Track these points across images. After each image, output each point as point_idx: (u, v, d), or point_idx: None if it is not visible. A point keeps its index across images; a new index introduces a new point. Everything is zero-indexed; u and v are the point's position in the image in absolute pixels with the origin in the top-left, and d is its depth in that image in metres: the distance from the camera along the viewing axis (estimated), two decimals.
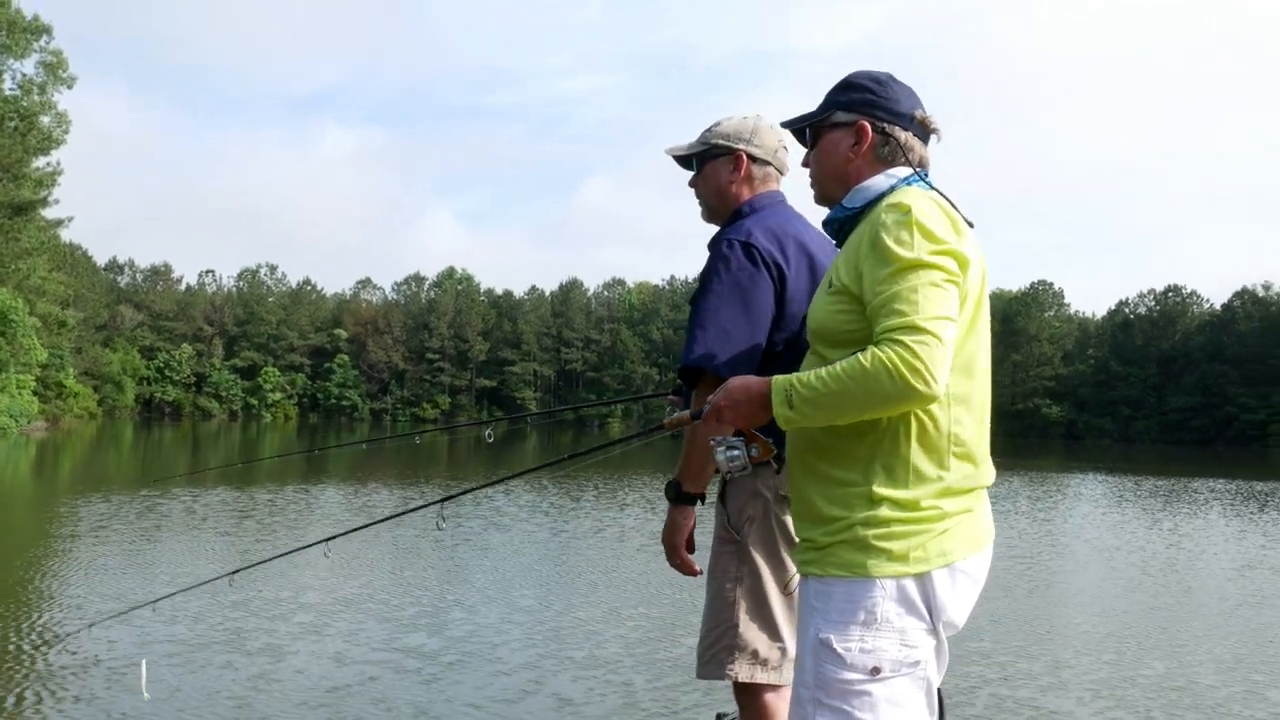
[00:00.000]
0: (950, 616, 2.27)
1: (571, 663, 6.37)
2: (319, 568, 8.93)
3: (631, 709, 5.52)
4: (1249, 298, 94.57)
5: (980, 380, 2.35)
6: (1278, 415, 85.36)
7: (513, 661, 6.39)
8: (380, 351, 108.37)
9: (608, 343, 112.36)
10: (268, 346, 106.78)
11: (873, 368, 2.13)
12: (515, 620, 7.57)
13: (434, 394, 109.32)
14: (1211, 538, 14.47)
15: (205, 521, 13.12)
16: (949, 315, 2.18)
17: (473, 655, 6.50)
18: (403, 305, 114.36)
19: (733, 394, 2.34)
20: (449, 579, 9.27)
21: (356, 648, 6.62)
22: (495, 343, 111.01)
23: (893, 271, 2.21)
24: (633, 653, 6.72)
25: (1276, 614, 8.78)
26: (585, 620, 7.67)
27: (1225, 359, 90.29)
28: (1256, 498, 23.44)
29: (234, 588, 7.65)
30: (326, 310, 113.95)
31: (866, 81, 2.53)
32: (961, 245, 2.27)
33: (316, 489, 18.53)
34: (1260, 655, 7.20)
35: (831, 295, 2.38)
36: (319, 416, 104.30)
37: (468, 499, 17.77)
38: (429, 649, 6.64)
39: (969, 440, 2.31)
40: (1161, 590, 9.97)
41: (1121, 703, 5.88)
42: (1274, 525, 16.91)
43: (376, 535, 11.46)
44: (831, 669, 2.23)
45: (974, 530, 2.31)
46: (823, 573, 2.30)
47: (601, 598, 8.62)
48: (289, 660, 6.25)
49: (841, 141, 2.51)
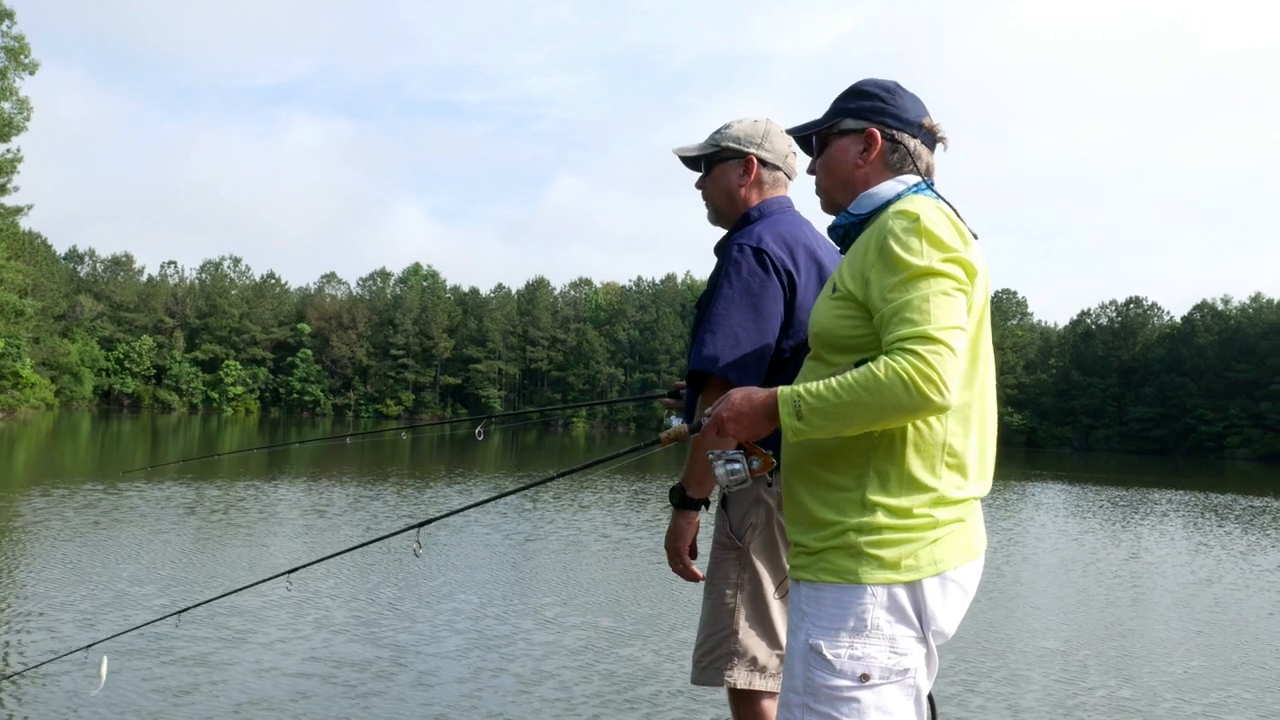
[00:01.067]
0: (940, 625, 2.27)
1: (512, 677, 6.13)
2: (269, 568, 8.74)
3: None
4: (1208, 311, 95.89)
5: (980, 391, 2.34)
6: (1235, 427, 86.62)
7: (447, 674, 6.15)
8: (344, 347, 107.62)
9: (573, 342, 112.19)
10: (230, 340, 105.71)
11: (886, 378, 2.11)
12: (457, 628, 7.36)
13: (398, 390, 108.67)
14: (1171, 551, 14.52)
15: (161, 524, 12.90)
16: (960, 324, 2.18)
17: (405, 667, 6.24)
18: (368, 301, 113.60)
19: (735, 405, 2.31)
20: (394, 586, 9.07)
21: (286, 658, 6.32)
22: (460, 340, 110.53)
23: (903, 279, 2.20)
24: (576, 661, 6.59)
25: (1237, 632, 8.64)
26: (527, 629, 7.43)
27: (1184, 371, 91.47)
28: (1216, 510, 23.69)
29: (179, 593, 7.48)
30: (290, 304, 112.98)
31: (875, 89, 2.52)
32: (969, 254, 2.26)
33: (277, 487, 18.33)
34: (1220, 675, 7.03)
35: (835, 300, 2.36)
36: (280, 411, 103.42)
37: (429, 501, 17.63)
38: (364, 658, 6.40)
39: (964, 450, 2.30)
40: (1119, 604, 9.87)
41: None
42: (1232, 539, 17.08)
43: (337, 536, 11.29)
44: (821, 675, 2.22)
45: (966, 540, 2.31)
46: (814, 578, 2.29)
47: (549, 606, 8.37)
48: (208, 670, 6.00)
49: (850, 149, 2.50)
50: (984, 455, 2.37)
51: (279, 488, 17.74)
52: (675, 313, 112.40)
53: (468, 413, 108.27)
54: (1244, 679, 6.87)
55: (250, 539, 11.47)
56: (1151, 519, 20.41)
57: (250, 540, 11.37)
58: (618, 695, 5.79)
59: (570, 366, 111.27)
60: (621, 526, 14.22)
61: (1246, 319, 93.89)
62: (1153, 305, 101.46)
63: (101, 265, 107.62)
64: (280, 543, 11.31)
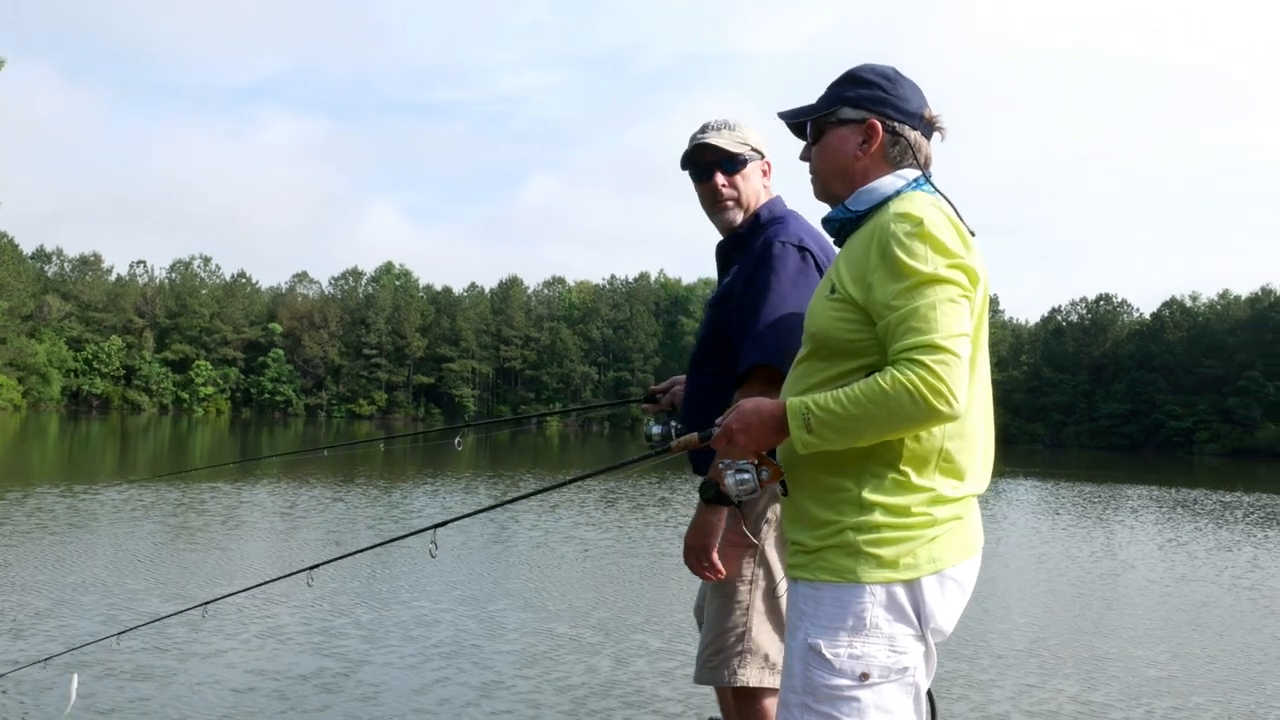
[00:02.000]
0: (939, 623, 2.26)
1: (464, 687, 5.96)
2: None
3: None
4: (1177, 308, 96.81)
5: (978, 391, 2.32)
6: (1203, 423, 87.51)
7: (398, 685, 5.99)
8: (316, 347, 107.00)
9: (547, 341, 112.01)
10: (200, 340, 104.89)
11: (894, 390, 2.10)
12: (412, 635, 7.17)
13: (370, 390, 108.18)
14: (1144, 550, 14.48)
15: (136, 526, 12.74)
16: (965, 332, 2.17)
17: (350, 678, 6.04)
18: (340, 300, 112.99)
19: (745, 417, 2.29)
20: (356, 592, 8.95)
21: (230, 670, 6.12)
22: (433, 339, 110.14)
23: (907, 287, 2.18)
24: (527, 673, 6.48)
25: (1209, 632, 8.50)
26: (480, 636, 7.23)
27: (1154, 367, 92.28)
28: (1186, 505, 23.87)
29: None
30: (261, 304, 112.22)
31: (875, 77, 2.46)
32: (971, 259, 2.24)
33: (251, 489, 18.18)
34: (1191, 677, 6.87)
35: (834, 302, 2.33)
36: (252, 411, 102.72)
37: (397, 503, 17.54)
38: (313, 669, 6.22)
39: (961, 450, 2.29)
40: (1091, 603, 9.77)
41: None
42: (1204, 536, 17.19)
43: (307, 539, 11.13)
44: (820, 674, 2.21)
45: (964, 537, 2.30)
46: (812, 577, 2.28)
47: (505, 611, 8.09)
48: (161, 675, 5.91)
49: (849, 139, 2.44)
50: (985, 455, 2.37)
51: (268, 494, 17.59)
52: (649, 311, 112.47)
53: (441, 412, 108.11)
54: (1215, 680, 6.79)
55: (211, 546, 11.34)
56: (1123, 515, 20.54)
57: (214, 548, 11.24)
58: (577, 707, 5.64)
59: (544, 365, 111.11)
60: (591, 527, 14.15)
61: (1214, 316, 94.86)
62: (1122, 302, 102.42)
63: (69, 264, 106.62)
64: (250, 550, 11.19)
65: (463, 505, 16.77)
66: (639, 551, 11.88)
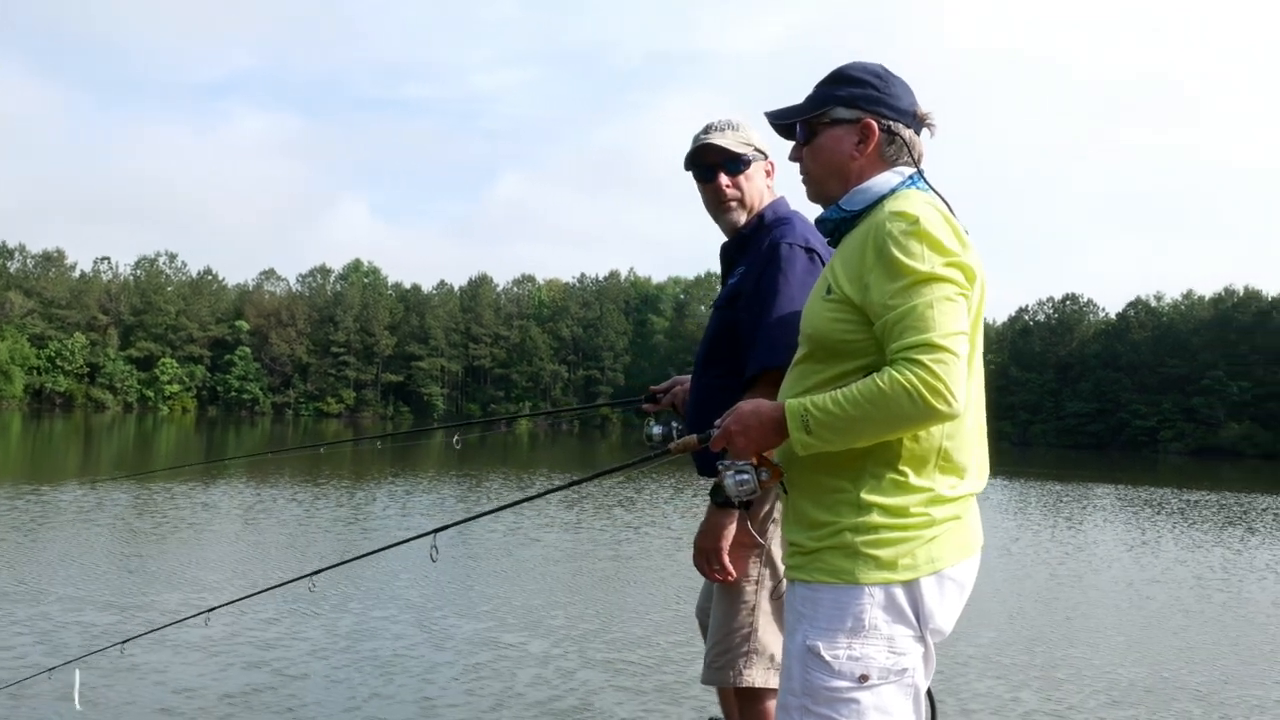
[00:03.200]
0: (938, 624, 2.26)
1: (406, 704, 5.81)
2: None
3: None
4: (1142, 308, 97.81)
5: (974, 389, 2.32)
6: (1168, 422, 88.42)
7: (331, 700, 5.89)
8: (283, 344, 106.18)
9: (517, 339, 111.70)
10: (165, 337, 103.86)
11: (892, 390, 2.10)
12: (342, 646, 6.96)
13: (338, 388, 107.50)
14: (1111, 550, 14.51)
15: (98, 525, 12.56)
16: (963, 330, 2.16)
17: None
18: (307, 298, 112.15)
19: (744, 419, 2.29)
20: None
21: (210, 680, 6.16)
22: (402, 337, 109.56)
23: (904, 285, 2.17)
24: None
25: (1174, 636, 8.44)
26: (422, 646, 7.05)
27: (1119, 366, 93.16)
28: (1152, 504, 24.07)
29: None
30: (228, 301, 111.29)
31: (867, 76, 2.44)
32: (967, 256, 2.24)
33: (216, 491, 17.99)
34: (1156, 681, 6.78)
35: (831, 302, 2.32)
36: (218, 410, 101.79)
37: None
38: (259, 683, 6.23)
39: (959, 449, 2.29)
40: (1058, 605, 9.71)
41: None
42: (1171, 536, 17.32)
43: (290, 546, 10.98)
44: (819, 676, 2.20)
45: (963, 537, 2.30)
46: (810, 578, 2.28)
47: (446, 619, 7.87)
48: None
49: (844, 139, 2.42)
50: (980, 454, 2.36)
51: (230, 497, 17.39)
52: (619, 309, 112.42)
53: (410, 410, 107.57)
54: (1180, 687, 6.73)
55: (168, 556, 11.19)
56: (1090, 514, 20.68)
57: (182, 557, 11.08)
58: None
59: (514, 364, 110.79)
60: (557, 530, 14.08)
61: (1179, 316, 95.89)
62: (1089, 302, 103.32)
63: (32, 261, 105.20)
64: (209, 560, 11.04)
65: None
66: (603, 555, 11.81)
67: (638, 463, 2.72)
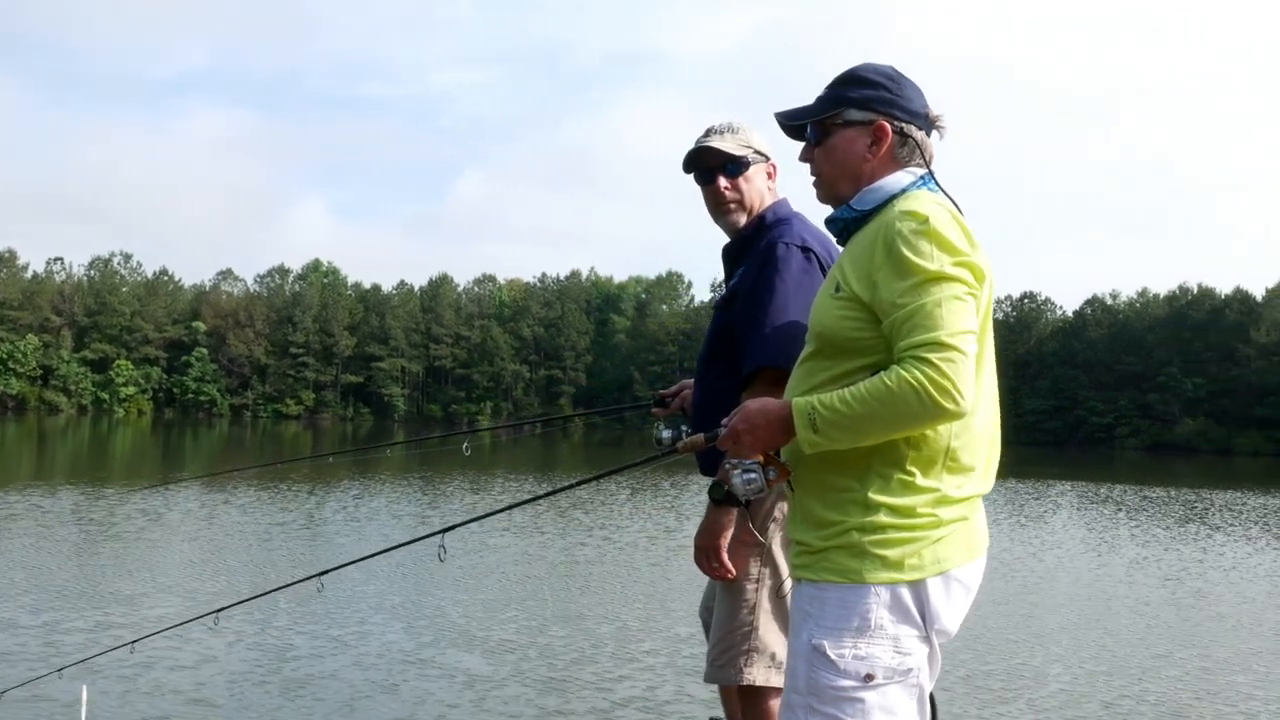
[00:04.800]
0: (944, 624, 2.27)
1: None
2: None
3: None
4: (1099, 305, 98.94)
5: (984, 389, 2.32)
6: (1124, 418, 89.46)
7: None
8: (241, 345, 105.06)
9: (478, 339, 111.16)
10: (120, 339, 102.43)
11: (900, 389, 2.11)
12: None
13: (297, 390, 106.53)
14: (1071, 551, 14.46)
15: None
16: (971, 329, 2.17)
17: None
18: (265, 298, 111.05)
19: (751, 417, 2.29)
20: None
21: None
22: (362, 338, 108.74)
23: (913, 284, 2.18)
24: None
25: (1135, 638, 8.38)
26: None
27: (1076, 364, 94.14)
28: (1111, 502, 24.31)
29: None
30: (184, 302, 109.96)
31: (880, 78, 2.45)
32: (976, 257, 2.25)
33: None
34: (1118, 684, 6.73)
35: (839, 300, 2.33)
36: (175, 412, 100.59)
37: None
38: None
39: (967, 450, 2.29)
40: (1015, 607, 9.62)
41: None
42: (1131, 534, 17.46)
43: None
44: (824, 675, 2.21)
45: (969, 538, 2.31)
46: (817, 577, 2.28)
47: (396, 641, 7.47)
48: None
49: (857, 141, 2.43)
50: (990, 454, 2.37)
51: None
52: (580, 309, 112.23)
53: (370, 411, 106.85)
54: (1142, 690, 6.71)
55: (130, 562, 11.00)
56: (1051, 512, 20.81)
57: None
58: None
59: (475, 364, 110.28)
60: (513, 534, 13.98)
61: (1134, 313, 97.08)
62: (1046, 300, 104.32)
63: None
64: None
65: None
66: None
67: (645, 462, 2.74)
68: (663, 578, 10.35)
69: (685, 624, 7.84)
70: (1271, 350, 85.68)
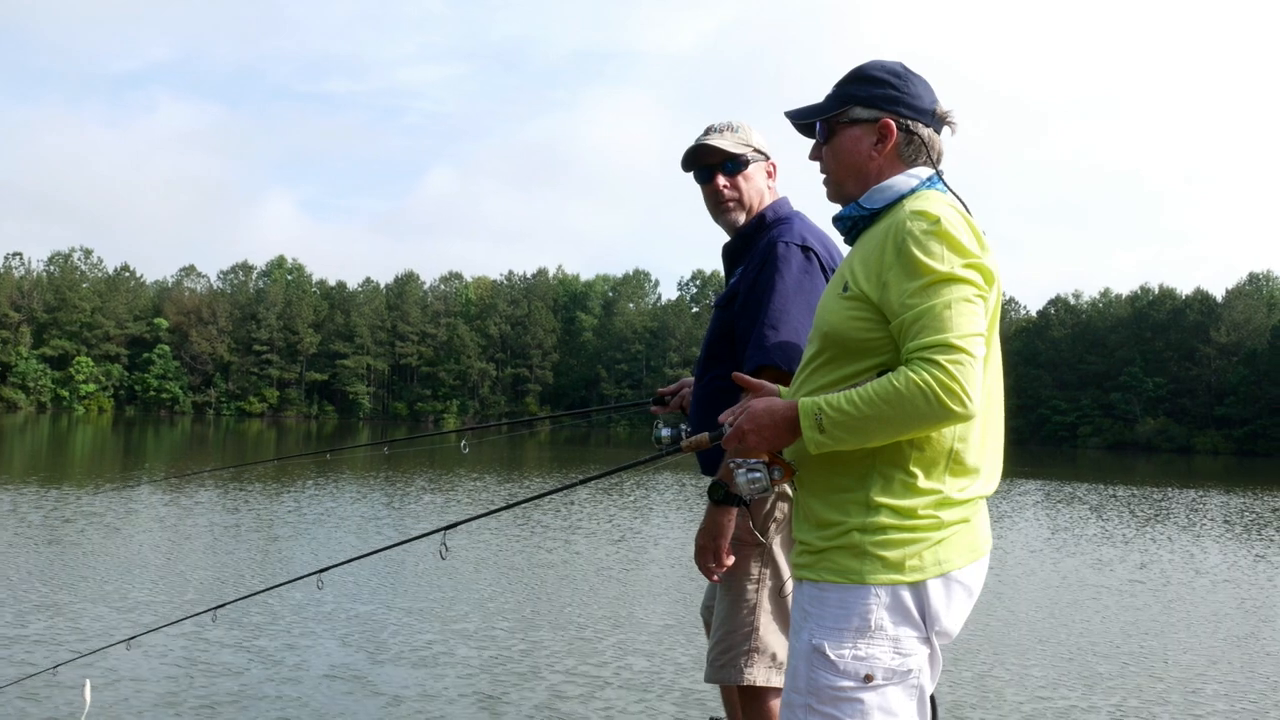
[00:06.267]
0: (944, 626, 2.26)
1: None
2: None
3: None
4: (1062, 305, 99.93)
5: (990, 391, 2.30)
6: (1087, 417, 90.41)
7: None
8: (204, 342, 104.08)
9: (444, 337, 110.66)
10: (81, 335, 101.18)
11: (908, 390, 2.10)
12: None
13: (261, 387, 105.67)
14: (1033, 550, 14.58)
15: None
16: (980, 331, 2.16)
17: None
18: (229, 295, 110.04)
19: (757, 417, 2.28)
20: None
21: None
22: (327, 335, 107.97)
23: (923, 285, 2.17)
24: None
25: (1098, 641, 8.33)
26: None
27: (1040, 363, 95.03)
28: (1080, 499, 24.48)
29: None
30: (146, 298, 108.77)
31: (886, 75, 2.44)
32: (986, 259, 2.24)
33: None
34: (1076, 686, 6.66)
35: (847, 300, 2.31)
36: (136, 409, 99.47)
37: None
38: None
39: (970, 452, 2.28)
40: (995, 609, 9.57)
41: None
42: (1104, 530, 17.56)
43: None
44: (824, 676, 2.21)
45: (971, 539, 2.30)
46: (817, 578, 2.28)
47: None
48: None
49: (862, 139, 2.42)
50: (994, 455, 2.36)
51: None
52: (547, 307, 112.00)
53: (334, 409, 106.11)
54: (1103, 692, 6.66)
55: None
56: (1019, 511, 20.94)
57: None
58: None
59: (441, 362, 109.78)
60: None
61: (1097, 313, 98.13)
62: (1010, 300, 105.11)
63: None
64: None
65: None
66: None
67: (647, 460, 2.74)
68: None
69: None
70: (1231, 350, 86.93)
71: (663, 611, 8.45)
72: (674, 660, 6.76)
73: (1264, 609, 10.01)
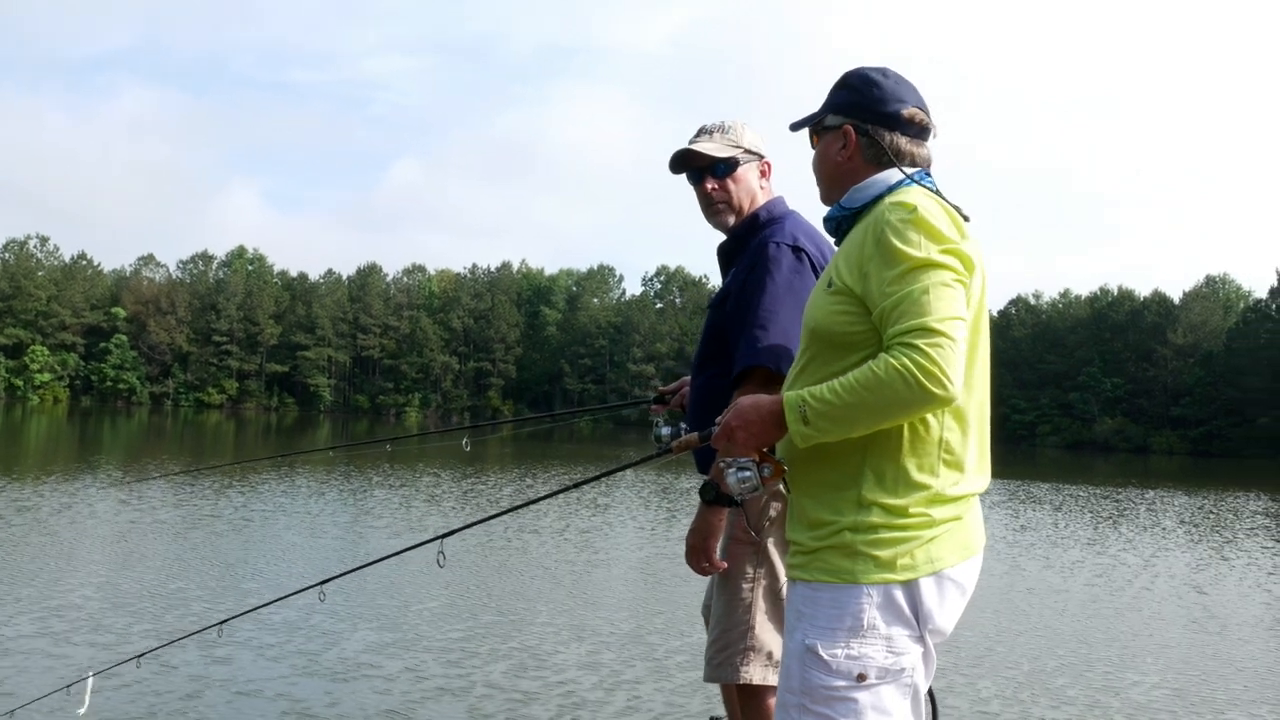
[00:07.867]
0: (938, 624, 2.27)
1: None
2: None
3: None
4: (1023, 305, 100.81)
5: (976, 385, 2.34)
6: (1046, 416, 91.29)
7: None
8: (162, 332, 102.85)
9: (407, 330, 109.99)
10: (36, 324, 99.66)
11: (887, 375, 2.10)
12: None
13: (220, 378, 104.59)
14: (1000, 550, 14.66)
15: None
16: (960, 315, 2.17)
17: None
18: (188, 284, 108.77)
19: (744, 413, 2.29)
20: None
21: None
22: (288, 327, 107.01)
23: (901, 272, 2.19)
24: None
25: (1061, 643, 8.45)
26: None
27: (1001, 363, 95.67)
28: (1037, 501, 24.66)
29: None
30: (104, 287, 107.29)
31: (856, 81, 2.50)
32: (965, 245, 2.26)
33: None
34: (1041, 686, 6.65)
35: (832, 295, 2.34)
36: (93, 400, 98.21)
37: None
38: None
39: (961, 446, 2.30)
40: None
41: None
42: (1071, 529, 17.67)
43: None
44: (817, 675, 2.22)
45: (963, 537, 2.30)
46: (810, 578, 2.29)
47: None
48: None
49: (832, 145, 2.50)
50: (982, 450, 2.37)
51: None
52: (510, 301, 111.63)
53: (295, 401, 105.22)
54: (1063, 691, 6.66)
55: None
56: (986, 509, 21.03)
57: None
58: None
59: (403, 355, 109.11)
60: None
61: (1056, 314, 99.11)
62: None
63: None
64: None
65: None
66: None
67: (640, 461, 2.74)
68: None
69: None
70: (1187, 352, 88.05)
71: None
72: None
73: (1222, 616, 10.08)
